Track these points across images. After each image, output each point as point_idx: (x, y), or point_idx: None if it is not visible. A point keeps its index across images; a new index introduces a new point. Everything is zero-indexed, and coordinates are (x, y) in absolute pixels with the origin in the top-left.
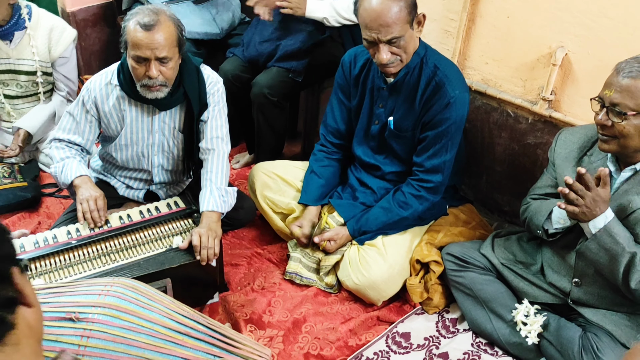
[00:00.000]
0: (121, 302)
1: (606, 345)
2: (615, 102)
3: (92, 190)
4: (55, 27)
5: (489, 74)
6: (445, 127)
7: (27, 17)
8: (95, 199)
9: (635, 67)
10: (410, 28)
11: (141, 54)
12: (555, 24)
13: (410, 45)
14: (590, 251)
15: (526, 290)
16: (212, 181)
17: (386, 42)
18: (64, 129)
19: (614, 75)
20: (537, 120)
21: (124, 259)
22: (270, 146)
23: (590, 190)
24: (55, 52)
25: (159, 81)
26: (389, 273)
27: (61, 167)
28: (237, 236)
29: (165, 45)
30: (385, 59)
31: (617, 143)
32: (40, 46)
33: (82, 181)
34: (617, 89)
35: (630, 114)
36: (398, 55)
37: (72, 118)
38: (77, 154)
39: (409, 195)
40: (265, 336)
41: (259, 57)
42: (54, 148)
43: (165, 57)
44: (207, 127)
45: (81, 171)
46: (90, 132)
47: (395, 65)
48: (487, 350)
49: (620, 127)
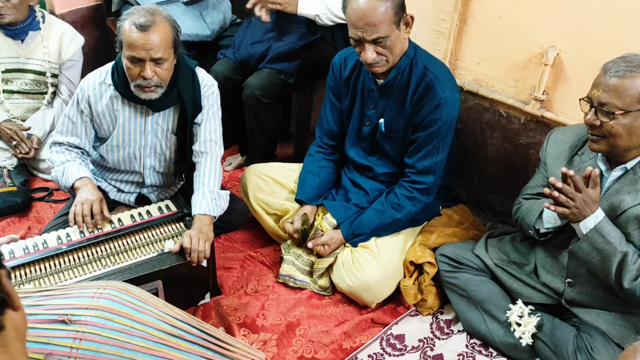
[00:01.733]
0: (114, 305)
1: (600, 345)
2: (603, 102)
3: (90, 193)
4: (67, 32)
5: (480, 74)
6: (436, 127)
7: (41, 20)
8: (91, 203)
9: (622, 66)
10: (397, 29)
11: (136, 55)
12: (547, 23)
13: (397, 46)
14: (582, 251)
15: (520, 291)
16: (205, 184)
17: (371, 42)
18: (61, 132)
19: (602, 75)
20: (529, 120)
21: (115, 263)
22: (262, 148)
23: (581, 192)
24: (65, 55)
25: (153, 82)
26: (382, 275)
27: (62, 170)
28: (230, 239)
29: (160, 46)
30: (371, 59)
31: (606, 143)
32: (51, 47)
33: (82, 183)
34: (604, 88)
35: (618, 113)
36: (384, 56)
37: (69, 119)
38: (77, 156)
39: (401, 197)
40: (259, 340)
41: (251, 58)
42: (54, 152)
43: (160, 58)
44: (201, 130)
45: (82, 173)
46: (86, 133)
47: (381, 66)
48: (481, 351)
49: (609, 126)
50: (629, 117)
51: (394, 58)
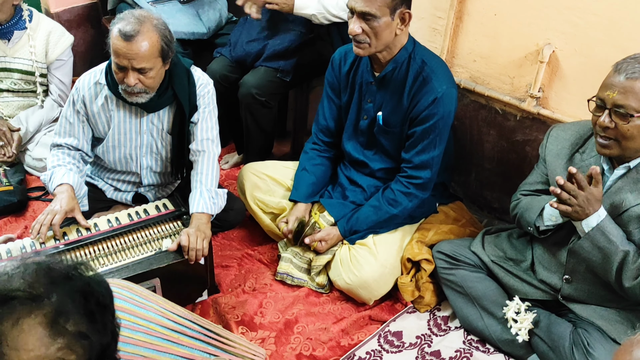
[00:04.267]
0: (117, 301)
1: (597, 340)
2: (620, 104)
3: (60, 202)
4: (54, 31)
5: (476, 71)
6: (433, 122)
7: (27, 18)
8: (55, 214)
9: (637, 67)
10: (390, 15)
11: (119, 63)
12: (542, 21)
13: (384, 33)
14: (584, 250)
15: (516, 287)
16: (202, 183)
17: (360, 14)
18: (59, 133)
19: (615, 76)
20: (525, 118)
21: (113, 262)
22: (259, 146)
23: (583, 190)
24: (52, 55)
25: (137, 89)
26: (380, 272)
27: (49, 175)
28: (227, 237)
29: (144, 56)
30: (355, 31)
31: (618, 145)
32: (38, 46)
33: (60, 191)
34: (620, 90)
35: (636, 115)
36: (368, 36)
37: (66, 120)
38: (72, 161)
39: (398, 193)
40: (257, 338)
41: (247, 56)
42: (51, 155)
43: (143, 68)
44: (198, 129)
45: (64, 180)
46: (84, 133)
47: (363, 48)
48: (479, 348)
49: (624, 129)
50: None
51: (377, 44)
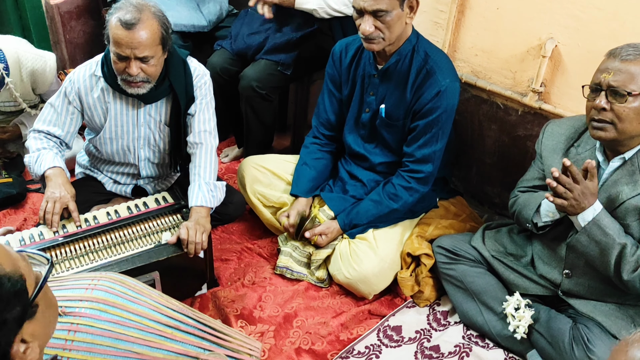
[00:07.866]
0: (109, 296)
1: (596, 336)
2: (615, 85)
3: (60, 188)
4: (36, 71)
5: (478, 65)
6: (436, 115)
7: (4, 73)
8: (62, 201)
9: (631, 50)
10: (399, 7)
11: (121, 52)
12: (545, 15)
13: (397, 25)
14: (581, 244)
15: (516, 282)
16: (201, 176)
17: (372, 13)
18: (44, 120)
19: (610, 60)
20: (527, 112)
21: (112, 255)
22: (259, 139)
23: (578, 183)
24: (40, 91)
25: (139, 78)
26: (380, 266)
27: (36, 157)
28: (227, 231)
29: (146, 44)
30: (368, 31)
31: (614, 128)
32: (23, 90)
33: (54, 173)
34: (616, 71)
35: (635, 93)
36: (381, 32)
37: (53, 109)
38: (55, 146)
39: (398, 187)
40: (256, 331)
41: (247, 49)
42: (32, 139)
43: (145, 57)
44: (195, 120)
45: (56, 163)
46: (71, 125)
47: (377, 42)
48: (478, 343)
49: (620, 109)
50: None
51: (391, 37)
